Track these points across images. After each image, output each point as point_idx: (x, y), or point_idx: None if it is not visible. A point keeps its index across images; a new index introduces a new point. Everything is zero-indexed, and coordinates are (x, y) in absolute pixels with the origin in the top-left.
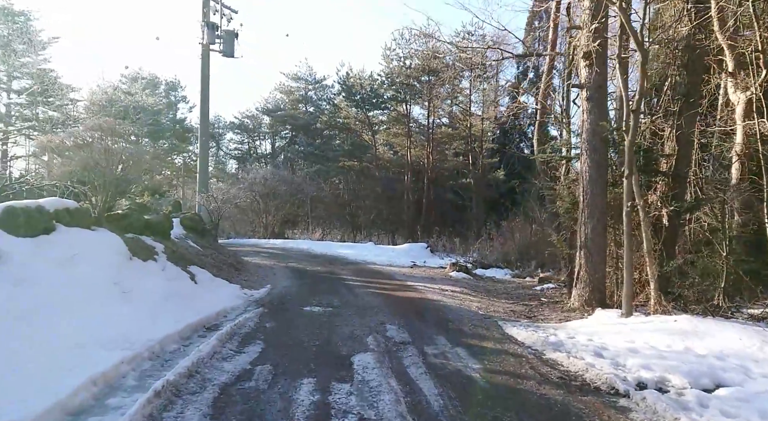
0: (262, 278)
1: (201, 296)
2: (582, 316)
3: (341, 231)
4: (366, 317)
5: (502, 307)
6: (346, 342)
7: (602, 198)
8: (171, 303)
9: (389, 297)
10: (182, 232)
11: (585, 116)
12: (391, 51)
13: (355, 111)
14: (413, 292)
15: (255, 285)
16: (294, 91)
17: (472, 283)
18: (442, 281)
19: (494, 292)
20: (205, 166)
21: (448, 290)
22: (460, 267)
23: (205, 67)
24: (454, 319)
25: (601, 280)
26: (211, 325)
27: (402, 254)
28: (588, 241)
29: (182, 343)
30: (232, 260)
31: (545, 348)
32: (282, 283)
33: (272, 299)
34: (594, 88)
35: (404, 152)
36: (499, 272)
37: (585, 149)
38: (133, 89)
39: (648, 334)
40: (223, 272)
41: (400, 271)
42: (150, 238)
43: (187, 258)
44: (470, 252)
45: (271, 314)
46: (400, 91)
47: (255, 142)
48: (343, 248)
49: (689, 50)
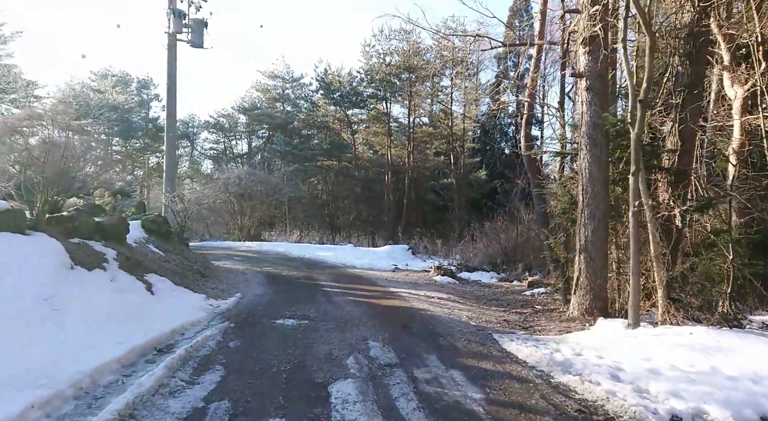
0: (232, 285)
1: (156, 309)
2: (583, 326)
3: (320, 233)
4: (346, 332)
5: (494, 316)
6: (323, 365)
7: (604, 197)
8: (116, 321)
9: (371, 306)
10: (143, 235)
11: (584, 108)
12: (370, 47)
13: (334, 109)
14: (397, 300)
15: (223, 294)
16: (271, 89)
17: (459, 288)
18: (427, 287)
19: (483, 298)
20: (173, 165)
21: (434, 297)
22: (444, 271)
23: (171, 57)
24: (444, 332)
25: (603, 287)
26: (164, 346)
27: (383, 256)
28: (588, 244)
29: (123, 372)
30: (199, 266)
31: (553, 369)
32: (253, 290)
33: (241, 310)
34: (594, 77)
35: (384, 152)
36: (484, 275)
37: (585, 144)
38: (102, 87)
39: (664, 350)
40: (186, 280)
41: (382, 275)
42: (100, 243)
43: (145, 265)
44: (453, 254)
45: (237, 329)
46: (380, 88)
47: (231, 142)
48: (322, 250)
49: (692, 38)
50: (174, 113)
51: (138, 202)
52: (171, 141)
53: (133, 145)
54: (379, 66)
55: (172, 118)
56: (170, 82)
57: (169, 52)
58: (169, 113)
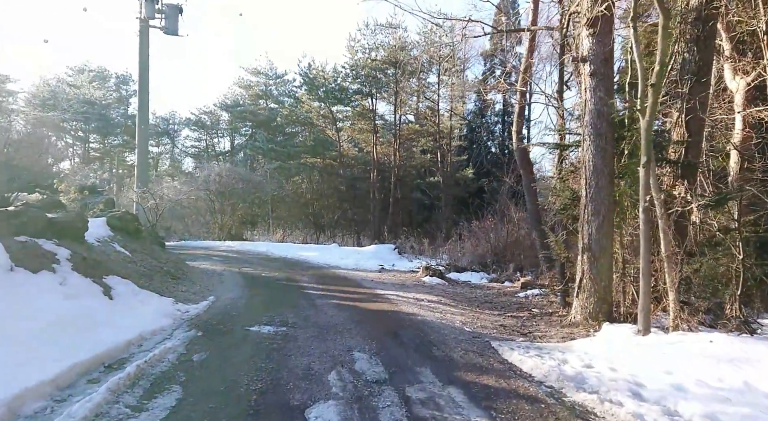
0: (206, 287)
1: (113, 317)
2: (587, 332)
3: (304, 232)
4: (328, 341)
5: (489, 321)
6: (301, 383)
7: (609, 192)
8: (61, 332)
9: (357, 311)
10: (108, 233)
11: (588, 95)
12: (355, 42)
13: (318, 105)
14: (385, 303)
15: (194, 297)
16: (254, 86)
17: (449, 290)
18: (416, 288)
19: (475, 301)
20: (145, 160)
21: (424, 300)
22: (433, 271)
23: (143, 45)
24: (438, 340)
25: (608, 289)
26: (115, 361)
27: (369, 256)
28: (592, 242)
29: (56, 397)
30: (170, 267)
31: (564, 385)
32: (229, 293)
33: (212, 316)
34: (599, 61)
35: (370, 149)
36: (474, 275)
37: (588, 134)
38: (78, 82)
39: (685, 361)
40: (154, 283)
41: (368, 276)
42: (52, 242)
43: (106, 266)
44: (440, 254)
45: (205, 339)
46: (366, 84)
47: (213, 140)
48: (305, 250)
49: (700, 23)
50: (146, 104)
51: (107, 199)
52: (143, 134)
53: (111, 143)
54: (365, 61)
55: (144, 110)
56: (142, 71)
57: (141, 39)
58: (141, 104)
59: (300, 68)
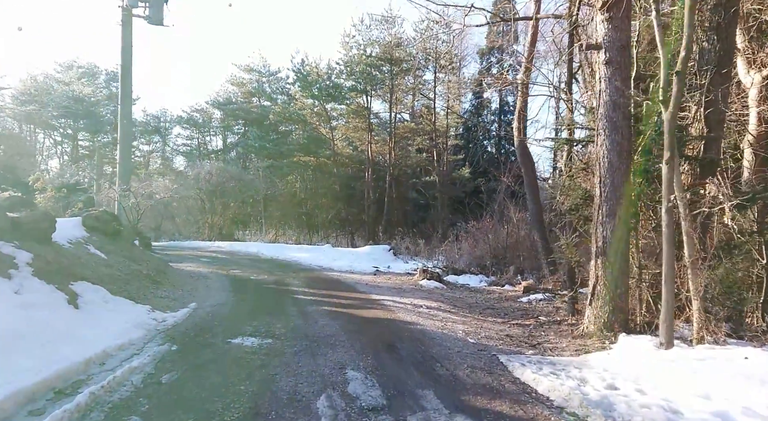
0: (189, 292)
1: (76, 329)
2: (603, 344)
3: (296, 232)
4: (318, 356)
5: (494, 330)
6: (285, 412)
7: (626, 191)
8: (8, 349)
9: (351, 319)
10: (82, 234)
11: (602, 85)
12: (350, 38)
13: (312, 102)
14: (381, 310)
15: (174, 304)
16: (246, 83)
17: (448, 294)
18: (413, 293)
19: (477, 306)
20: (127, 156)
21: (422, 306)
22: (431, 274)
23: (126, 35)
24: (440, 354)
25: (624, 296)
26: (70, 385)
27: (363, 257)
28: (607, 245)
29: None
30: (151, 270)
31: (590, 413)
32: (213, 299)
33: (191, 326)
34: (616, 48)
35: (364, 148)
36: (473, 278)
37: (603, 128)
38: (67, 78)
39: (722, 382)
40: (130, 288)
41: (363, 279)
42: (11, 244)
43: (74, 271)
44: (436, 255)
45: (179, 354)
46: (360, 81)
47: (205, 138)
48: (298, 250)
49: (721, 9)
50: (129, 97)
51: (87, 198)
52: (126, 129)
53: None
54: (359, 57)
55: (127, 103)
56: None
57: (124, 29)
58: (124, 97)
59: (293, 64)
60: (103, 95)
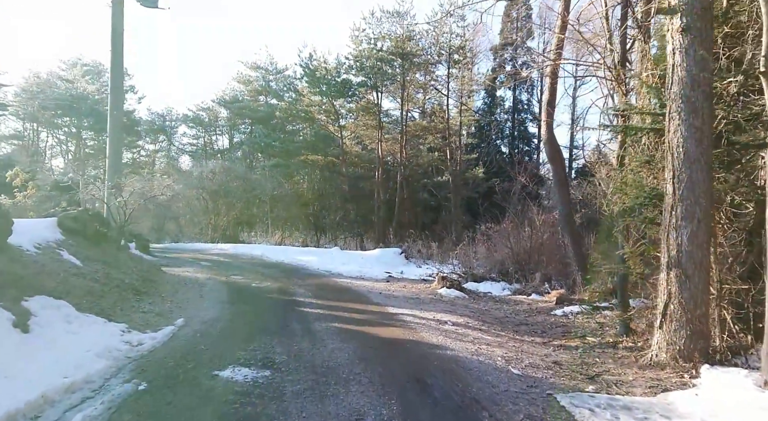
0: (178, 304)
1: (17, 361)
2: (682, 378)
3: (303, 234)
4: (327, 398)
5: (537, 355)
6: None
7: (707, 188)
8: None
9: (366, 340)
10: (56, 237)
11: (677, 58)
12: (360, 31)
13: (320, 99)
14: (401, 328)
15: (157, 321)
16: (253, 81)
17: (472, 306)
18: (434, 304)
19: (508, 321)
20: (117, 150)
21: (447, 322)
22: (451, 282)
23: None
24: (483, 395)
25: (705, 318)
26: None
27: (373, 261)
28: (683, 255)
29: None
30: (136, 278)
31: None
32: (206, 313)
33: (171, 352)
34: (695, 12)
35: (374, 146)
36: (494, 286)
37: (677, 111)
38: (71, 75)
39: None
40: (105, 302)
41: (375, 287)
42: None
43: (33, 283)
44: (450, 259)
45: (147, 397)
46: (371, 76)
47: (212, 137)
48: (304, 253)
49: None
50: (120, 85)
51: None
52: (116, 120)
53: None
54: (370, 51)
55: (117, 92)
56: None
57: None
58: (114, 85)
59: (300, 58)
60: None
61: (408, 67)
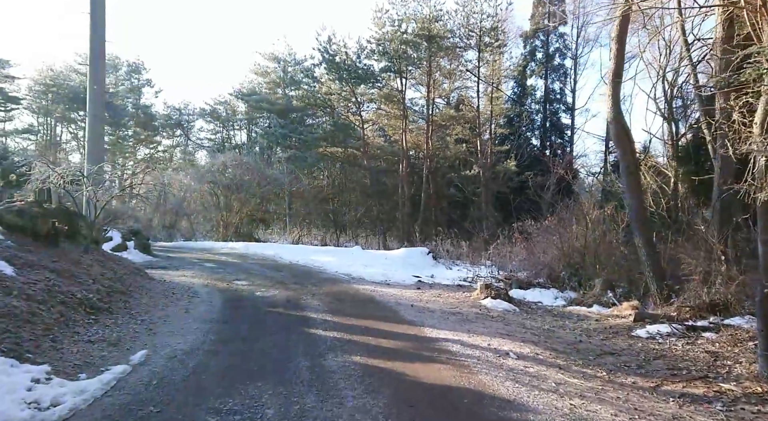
0: (149, 326)
1: None
2: None
3: (322, 231)
4: None
5: (660, 416)
6: None
7: None
8: None
9: (402, 391)
10: None
11: None
12: (383, 13)
13: (339, 87)
14: (448, 365)
15: (108, 356)
16: (271, 72)
17: (530, 324)
18: (482, 322)
19: (588, 352)
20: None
21: (510, 354)
22: (496, 292)
23: None
24: None
25: None
26: None
27: (398, 262)
28: None
29: None
30: (97, 291)
31: None
32: (179, 341)
33: (102, 418)
34: None
35: (398, 137)
36: (544, 294)
37: None
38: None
39: None
40: (28, 329)
41: (404, 296)
42: None
43: None
44: (481, 260)
45: None
46: (394, 61)
47: (229, 132)
48: (322, 253)
49: None
50: (101, 54)
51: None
52: (96, 96)
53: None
54: (393, 34)
55: (97, 63)
56: (94, 5)
57: None
58: (94, 54)
59: (319, 43)
60: (125, 87)
61: (435, 50)
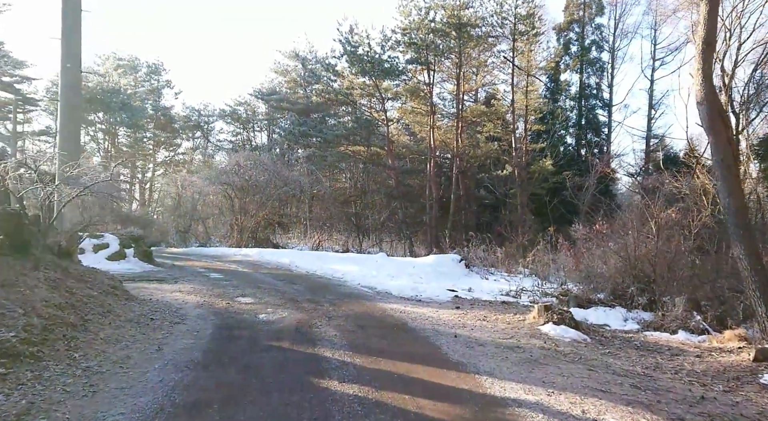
0: (89, 380)
1: None
2: None
3: (344, 236)
4: None
5: None
6: None
7: None
8: None
9: None
10: None
11: None
12: (409, 1)
13: (362, 81)
14: None
15: None
16: (291, 70)
17: (617, 365)
18: (555, 365)
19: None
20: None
21: None
22: (559, 316)
23: None
24: None
25: None
26: None
27: (429, 272)
28: None
29: None
30: (17, 328)
31: None
32: (119, 411)
33: None
34: None
35: (425, 135)
36: (610, 314)
37: None
38: (103, 69)
39: None
40: None
41: (442, 319)
42: None
43: None
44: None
45: None
46: (421, 52)
47: (250, 134)
48: (343, 261)
49: None
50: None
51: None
52: (70, 76)
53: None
54: (420, 22)
55: (71, 38)
56: None
57: None
58: (66, 26)
59: (340, 34)
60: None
61: (465, 40)
